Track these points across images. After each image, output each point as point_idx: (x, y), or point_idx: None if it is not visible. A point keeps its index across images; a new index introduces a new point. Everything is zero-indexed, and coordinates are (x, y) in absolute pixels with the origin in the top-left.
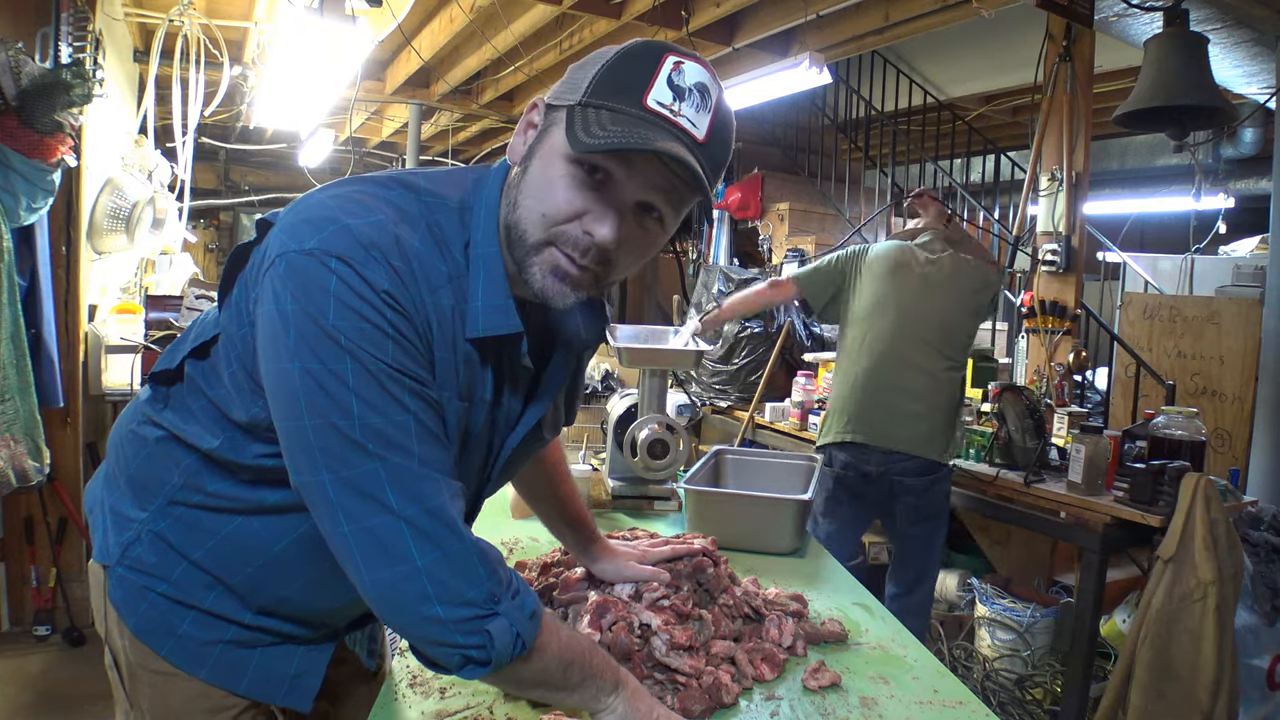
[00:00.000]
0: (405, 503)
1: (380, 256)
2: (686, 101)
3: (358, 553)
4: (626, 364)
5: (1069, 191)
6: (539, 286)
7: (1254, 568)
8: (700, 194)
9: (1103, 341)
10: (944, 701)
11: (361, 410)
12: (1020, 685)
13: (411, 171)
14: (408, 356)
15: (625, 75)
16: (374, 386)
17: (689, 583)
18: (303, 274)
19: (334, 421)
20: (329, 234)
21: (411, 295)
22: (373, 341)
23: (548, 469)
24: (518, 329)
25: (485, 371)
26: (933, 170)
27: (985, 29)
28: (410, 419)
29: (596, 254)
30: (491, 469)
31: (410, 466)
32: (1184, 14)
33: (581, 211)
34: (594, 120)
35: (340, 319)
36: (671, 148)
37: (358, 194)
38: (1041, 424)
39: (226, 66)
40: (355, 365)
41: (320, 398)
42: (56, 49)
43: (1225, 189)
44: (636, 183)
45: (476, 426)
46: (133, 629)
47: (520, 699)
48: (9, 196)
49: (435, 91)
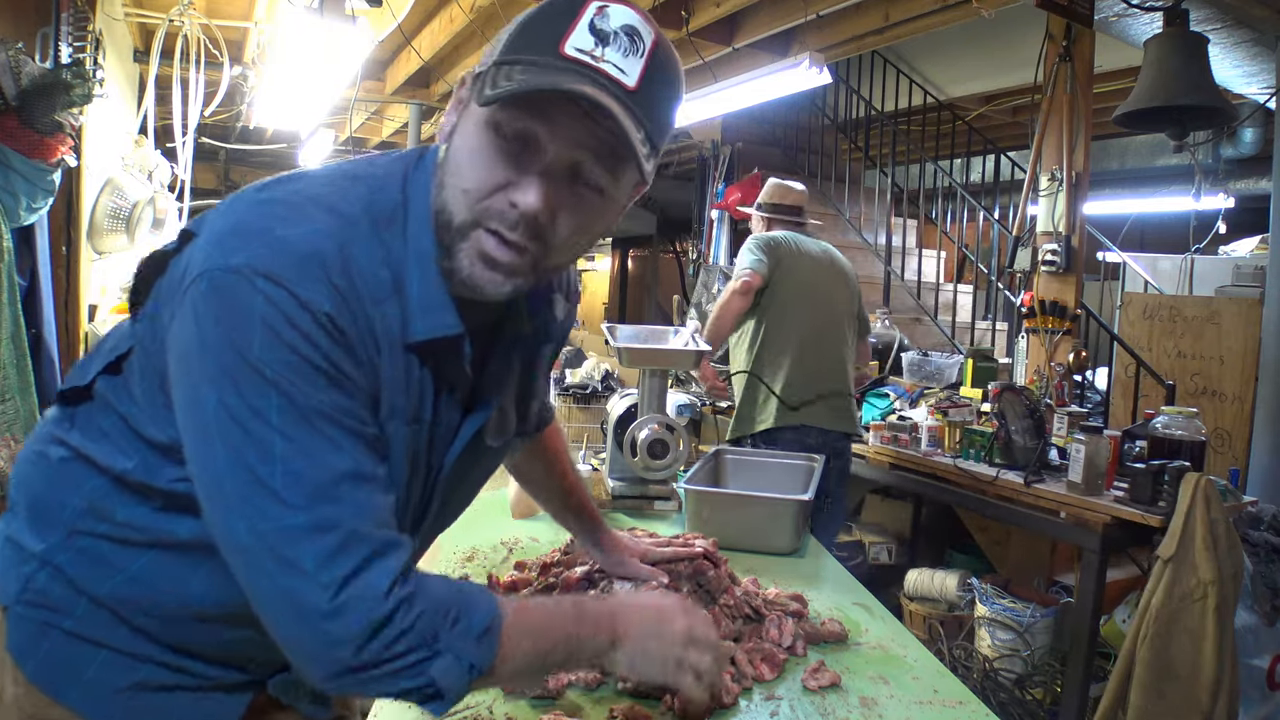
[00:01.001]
0: (326, 566)
1: (319, 273)
2: (611, 46)
3: (274, 612)
4: (626, 364)
5: (1069, 191)
6: (466, 274)
7: (1254, 568)
8: (627, 150)
9: (1103, 341)
10: (944, 701)
11: (286, 453)
12: (1020, 685)
13: (356, 164)
14: (345, 394)
15: (541, 26)
16: (303, 427)
17: (689, 584)
18: (227, 296)
19: (252, 465)
20: (259, 248)
21: (355, 315)
22: (305, 376)
23: (548, 457)
24: (456, 329)
25: (428, 384)
26: (933, 170)
27: (985, 29)
28: (345, 463)
29: (525, 227)
30: (431, 492)
31: (340, 520)
32: (1184, 14)
33: (504, 182)
34: (503, 76)
35: (267, 350)
36: (585, 89)
37: (294, 196)
38: (1041, 424)
39: (226, 66)
40: (282, 401)
41: (238, 437)
42: (56, 49)
43: (1225, 189)
44: (560, 141)
45: (419, 449)
46: (30, 675)
47: (520, 699)
48: (9, 196)
49: (435, 91)
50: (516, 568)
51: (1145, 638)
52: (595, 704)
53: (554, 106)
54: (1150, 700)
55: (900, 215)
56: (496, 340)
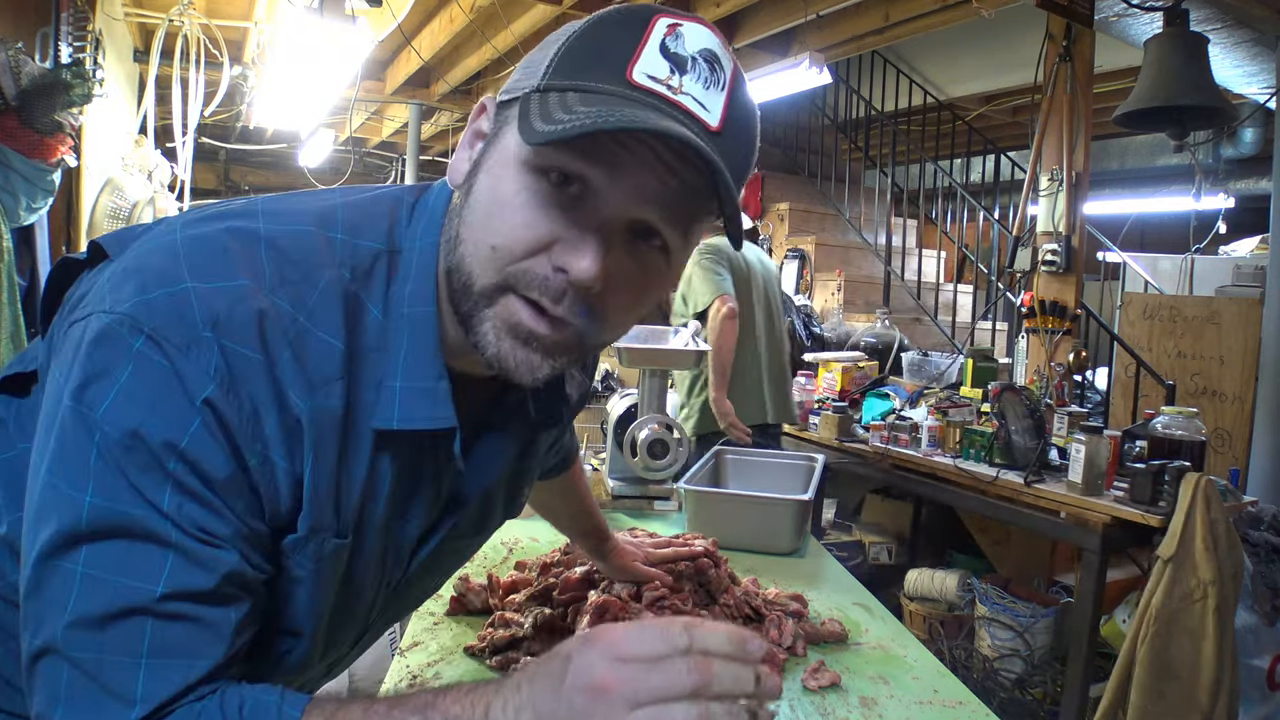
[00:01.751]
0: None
1: (218, 341)
2: (690, 75)
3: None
4: (626, 364)
5: (1069, 191)
6: (494, 353)
7: (1254, 568)
8: (722, 201)
9: (1103, 341)
10: (944, 701)
11: (88, 559)
12: (1020, 685)
13: (325, 194)
14: (203, 511)
15: (600, 45)
16: (117, 547)
17: (690, 583)
18: (96, 349)
19: (52, 565)
20: (154, 297)
21: (257, 400)
22: (146, 474)
23: (569, 497)
24: (448, 424)
25: (384, 477)
26: (933, 170)
27: (985, 29)
28: (147, 591)
29: (574, 299)
30: (395, 589)
31: (98, 666)
32: (1184, 14)
33: (548, 240)
34: (556, 104)
35: (111, 425)
36: (673, 128)
37: (231, 235)
38: (1041, 424)
39: (226, 66)
40: (98, 500)
41: (49, 529)
42: (56, 49)
43: (1225, 189)
44: (624, 192)
45: (368, 554)
46: None
47: None
48: (9, 196)
49: (435, 91)
50: (516, 568)
51: (1145, 638)
52: None
53: (619, 146)
54: (1150, 700)
55: (900, 215)
56: (487, 424)
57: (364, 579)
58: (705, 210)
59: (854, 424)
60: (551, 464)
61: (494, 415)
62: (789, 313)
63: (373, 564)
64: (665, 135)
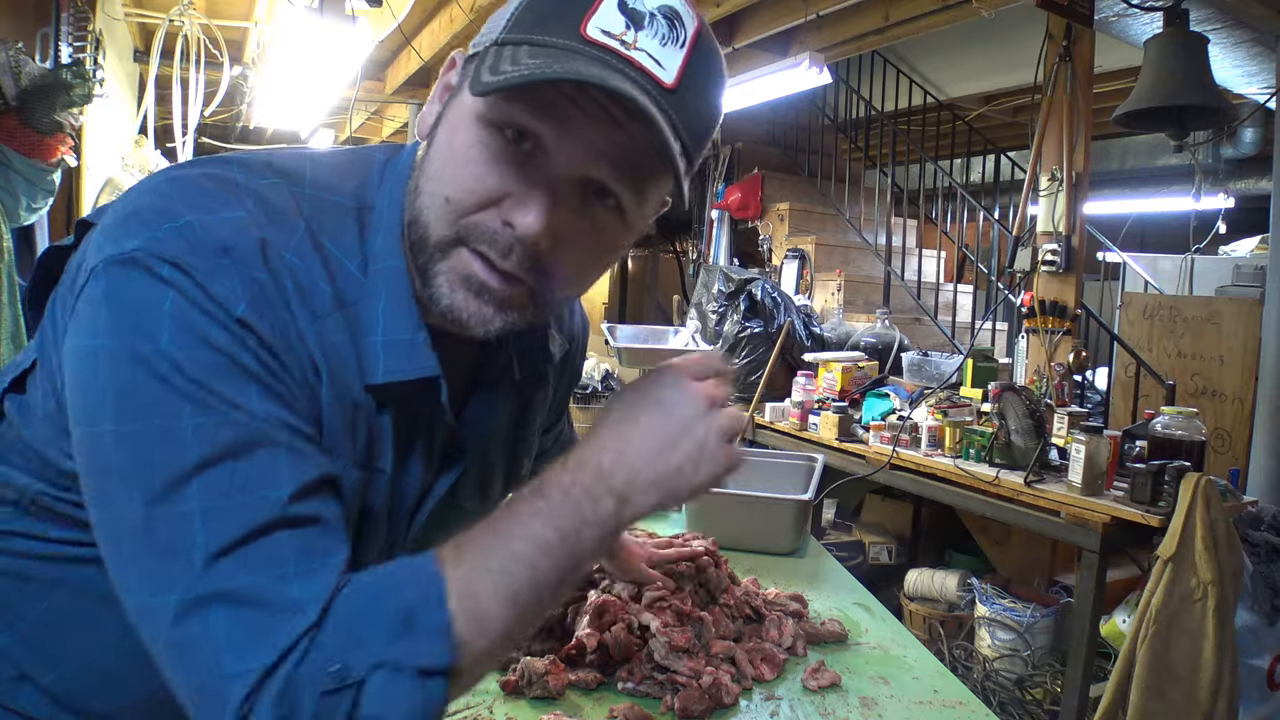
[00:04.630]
0: (258, 652)
1: (236, 266)
2: (646, 30)
3: (182, 697)
4: (626, 364)
5: (1069, 191)
6: (447, 304)
7: (1254, 568)
8: (667, 164)
9: (1103, 341)
10: (944, 701)
11: (203, 493)
12: (1020, 685)
13: (294, 152)
14: (280, 404)
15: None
16: (225, 458)
17: (690, 583)
18: (123, 289)
19: (163, 514)
20: (163, 232)
21: (281, 322)
22: (228, 380)
23: None
24: (431, 371)
25: (385, 430)
26: (933, 170)
27: (985, 29)
28: (279, 496)
29: (522, 254)
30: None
31: (258, 589)
32: (1184, 14)
33: (499, 194)
34: (508, 57)
35: (177, 348)
36: (618, 84)
37: (210, 179)
38: (1041, 424)
39: (226, 66)
40: (200, 421)
41: (145, 477)
42: (56, 49)
43: (1225, 189)
44: (574, 149)
45: (375, 504)
46: None
47: (520, 699)
48: (9, 196)
49: None
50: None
51: (1145, 638)
52: (595, 704)
53: (569, 103)
54: (1150, 700)
55: (900, 215)
56: (476, 385)
57: (370, 538)
58: (660, 170)
59: (854, 424)
60: (555, 455)
61: (483, 375)
62: (789, 312)
63: (379, 521)
64: (604, 88)
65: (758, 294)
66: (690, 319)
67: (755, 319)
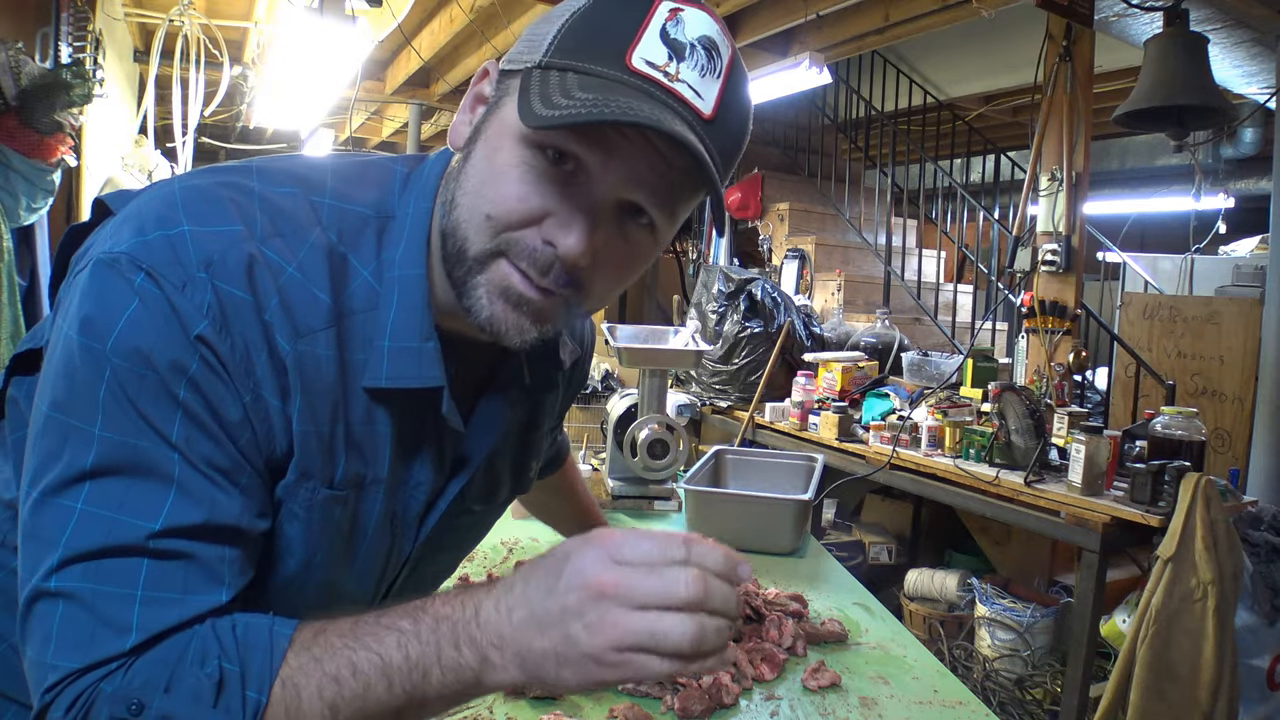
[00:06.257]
0: (73, 655)
1: (212, 281)
2: (687, 62)
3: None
4: (626, 364)
5: (1069, 191)
6: (486, 316)
7: (1254, 568)
8: (707, 189)
9: (1103, 341)
10: (944, 701)
11: (89, 497)
12: (1020, 685)
13: (314, 161)
14: (204, 436)
15: (602, 26)
16: (119, 483)
17: None
18: (99, 286)
19: (52, 503)
20: (152, 239)
21: (248, 342)
22: (155, 403)
23: (564, 495)
24: (435, 383)
25: (384, 438)
26: (933, 170)
27: (985, 29)
28: (151, 523)
29: (561, 271)
30: (400, 568)
31: (96, 599)
32: (1184, 14)
33: (540, 214)
34: (556, 86)
35: (121, 357)
36: (666, 122)
37: (224, 187)
38: (1041, 424)
39: (226, 66)
40: (110, 434)
41: (51, 463)
42: (56, 49)
43: (1225, 189)
44: (617, 175)
45: (371, 513)
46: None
47: (520, 699)
48: (9, 196)
49: (435, 91)
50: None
51: (1145, 638)
52: (595, 704)
53: (617, 134)
54: (1150, 700)
55: (900, 215)
56: (486, 389)
57: (372, 547)
58: (693, 192)
59: (854, 424)
60: (547, 457)
61: (493, 379)
62: (789, 312)
63: (380, 529)
64: (660, 130)
65: (758, 294)
66: (690, 319)
67: (755, 319)
